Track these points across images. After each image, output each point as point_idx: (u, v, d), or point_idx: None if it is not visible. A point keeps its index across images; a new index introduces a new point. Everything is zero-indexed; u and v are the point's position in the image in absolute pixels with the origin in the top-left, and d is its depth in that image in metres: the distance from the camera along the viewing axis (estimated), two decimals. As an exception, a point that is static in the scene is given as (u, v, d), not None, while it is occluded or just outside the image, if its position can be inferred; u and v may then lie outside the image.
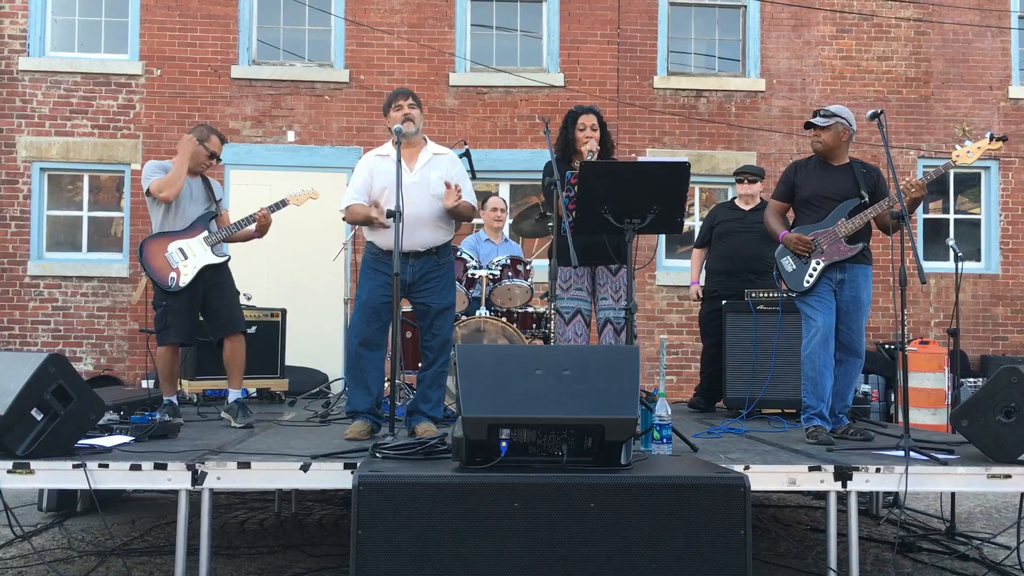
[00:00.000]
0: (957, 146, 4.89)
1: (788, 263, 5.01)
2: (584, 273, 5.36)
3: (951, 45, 10.85)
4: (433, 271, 4.87)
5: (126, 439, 4.33)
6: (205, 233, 5.32)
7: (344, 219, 4.94)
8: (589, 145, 5.18)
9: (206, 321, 5.43)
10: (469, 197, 4.95)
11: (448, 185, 4.76)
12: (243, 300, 5.60)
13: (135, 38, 10.38)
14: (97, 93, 10.28)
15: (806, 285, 4.91)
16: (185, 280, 5.20)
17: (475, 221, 6.23)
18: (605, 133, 5.39)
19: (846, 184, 4.98)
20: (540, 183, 5.11)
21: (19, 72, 10.24)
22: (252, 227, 5.44)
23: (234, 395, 5.37)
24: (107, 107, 10.27)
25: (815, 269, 4.91)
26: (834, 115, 4.99)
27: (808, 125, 5.05)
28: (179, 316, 5.23)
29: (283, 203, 5.57)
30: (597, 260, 5.27)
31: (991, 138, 4.83)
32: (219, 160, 5.53)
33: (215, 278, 5.33)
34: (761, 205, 6.57)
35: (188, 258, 5.24)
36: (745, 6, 10.90)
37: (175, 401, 5.37)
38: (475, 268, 6.45)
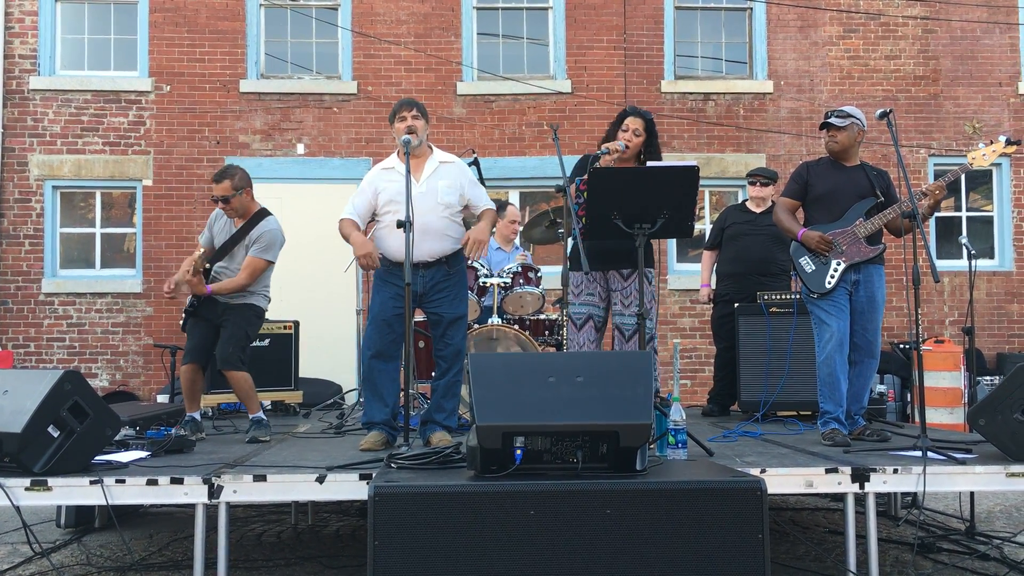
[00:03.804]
0: (971, 149, 4.89)
1: (807, 263, 4.96)
2: (597, 278, 5.25)
3: (959, 42, 10.80)
4: (444, 281, 4.85)
5: (142, 454, 4.35)
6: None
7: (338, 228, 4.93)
8: (612, 145, 5.01)
9: None
10: (484, 201, 4.97)
11: (467, 241, 4.70)
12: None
13: (144, 55, 10.45)
14: (108, 110, 10.35)
15: (828, 286, 4.86)
16: (190, 307, 5.38)
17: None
18: (652, 141, 5.18)
19: (861, 183, 4.97)
20: (549, 189, 5.09)
21: (30, 91, 10.31)
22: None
23: (255, 417, 5.36)
24: (118, 124, 10.34)
25: (836, 270, 4.87)
26: (849, 115, 4.99)
27: (825, 125, 5.04)
28: (193, 337, 5.36)
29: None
30: (608, 265, 5.22)
31: (1007, 142, 4.84)
32: (227, 201, 5.32)
33: (228, 314, 5.33)
34: (772, 207, 6.55)
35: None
36: (751, 8, 10.88)
37: (197, 417, 5.40)
38: (487, 276, 6.45)
